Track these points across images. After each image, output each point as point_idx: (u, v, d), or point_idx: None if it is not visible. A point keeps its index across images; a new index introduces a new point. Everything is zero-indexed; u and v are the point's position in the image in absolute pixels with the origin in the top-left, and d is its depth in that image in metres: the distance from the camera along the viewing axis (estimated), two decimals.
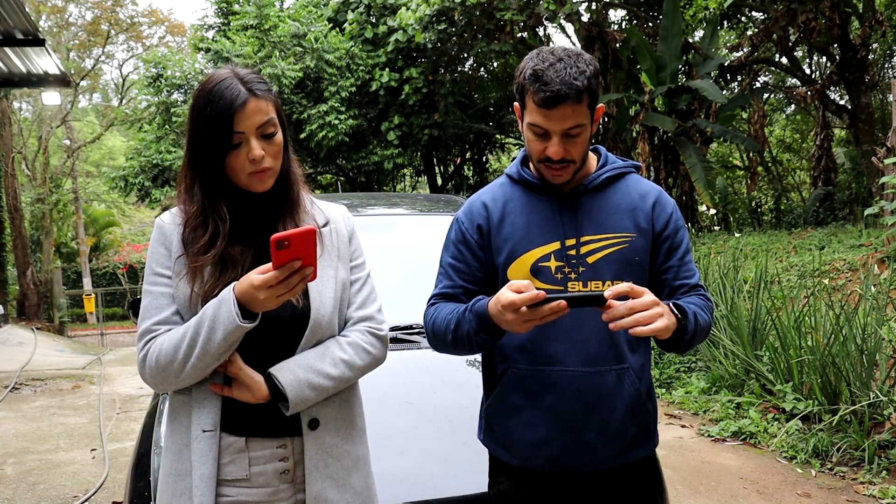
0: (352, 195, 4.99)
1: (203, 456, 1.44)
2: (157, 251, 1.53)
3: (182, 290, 1.47)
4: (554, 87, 1.48)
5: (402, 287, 3.12)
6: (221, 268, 1.48)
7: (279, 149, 1.50)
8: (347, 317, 1.58)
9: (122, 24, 23.75)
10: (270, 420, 1.47)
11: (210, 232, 1.48)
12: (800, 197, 15.21)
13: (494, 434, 1.69)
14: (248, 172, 1.45)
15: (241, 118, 1.43)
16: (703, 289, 1.68)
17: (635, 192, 1.67)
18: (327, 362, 1.48)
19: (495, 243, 1.66)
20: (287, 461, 1.50)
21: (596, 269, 1.59)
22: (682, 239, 1.67)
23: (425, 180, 18.93)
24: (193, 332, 1.39)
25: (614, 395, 1.60)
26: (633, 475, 1.66)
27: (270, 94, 1.50)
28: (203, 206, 1.49)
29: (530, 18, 11.62)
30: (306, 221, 1.56)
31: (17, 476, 4.64)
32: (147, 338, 1.47)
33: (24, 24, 8.37)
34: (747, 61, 11.93)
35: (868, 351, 4.27)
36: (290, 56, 13.17)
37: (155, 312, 1.48)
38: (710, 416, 5.12)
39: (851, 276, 6.57)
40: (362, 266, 1.64)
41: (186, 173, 1.52)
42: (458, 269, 1.69)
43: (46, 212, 22.30)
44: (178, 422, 1.50)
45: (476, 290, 1.68)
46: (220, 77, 1.46)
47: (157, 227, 1.56)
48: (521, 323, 1.40)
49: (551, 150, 1.54)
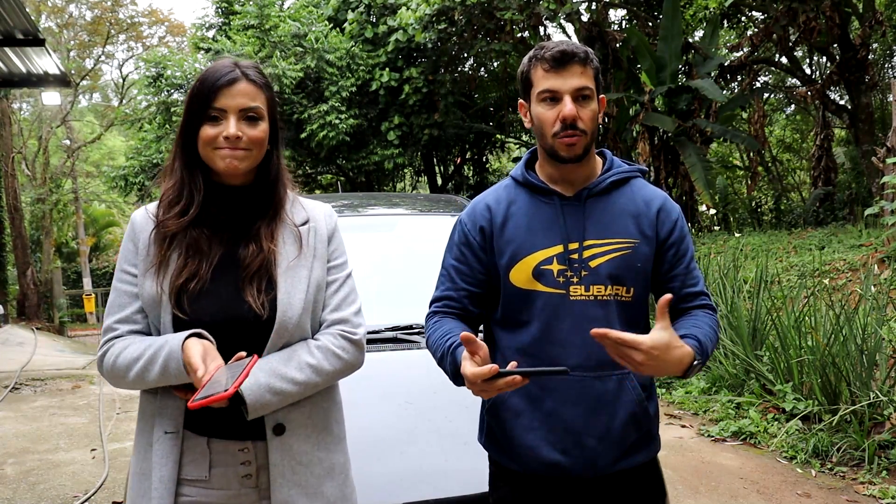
0: (352, 195, 4.99)
1: (164, 457, 1.43)
2: (126, 247, 1.52)
3: (147, 289, 1.45)
4: (560, 47, 1.55)
5: (402, 287, 3.12)
6: (187, 256, 1.45)
7: (261, 139, 1.47)
8: (322, 319, 1.54)
9: (122, 24, 23.75)
10: (233, 422, 1.43)
11: (184, 201, 1.47)
12: (800, 197, 15.20)
13: (495, 437, 1.69)
14: (221, 148, 1.43)
15: (225, 95, 1.43)
16: (707, 297, 1.68)
17: (640, 197, 1.66)
18: (293, 366, 1.44)
19: (497, 245, 1.65)
20: (249, 465, 1.46)
21: (598, 273, 1.58)
22: (688, 246, 1.67)
23: (425, 180, 18.92)
24: (147, 361, 1.39)
25: (615, 400, 1.59)
26: (634, 480, 1.65)
27: (266, 86, 1.49)
28: (181, 178, 1.48)
29: (530, 18, 11.61)
30: (286, 222, 1.54)
31: (17, 476, 4.64)
32: (108, 336, 1.47)
33: (24, 24, 8.37)
34: (747, 61, 11.92)
35: (868, 351, 4.27)
36: (291, 56, 13.17)
37: (117, 310, 1.48)
38: (710, 416, 5.11)
39: (851, 276, 6.57)
40: (341, 267, 1.59)
41: (171, 154, 1.52)
42: (461, 271, 1.68)
43: (46, 212, 22.29)
44: (145, 421, 1.49)
45: (478, 292, 1.67)
46: (219, 62, 1.49)
47: (130, 222, 1.55)
48: (477, 391, 1.42)
49: (565, 110, 1.54)
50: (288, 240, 1.52)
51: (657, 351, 1.38)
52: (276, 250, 1.49)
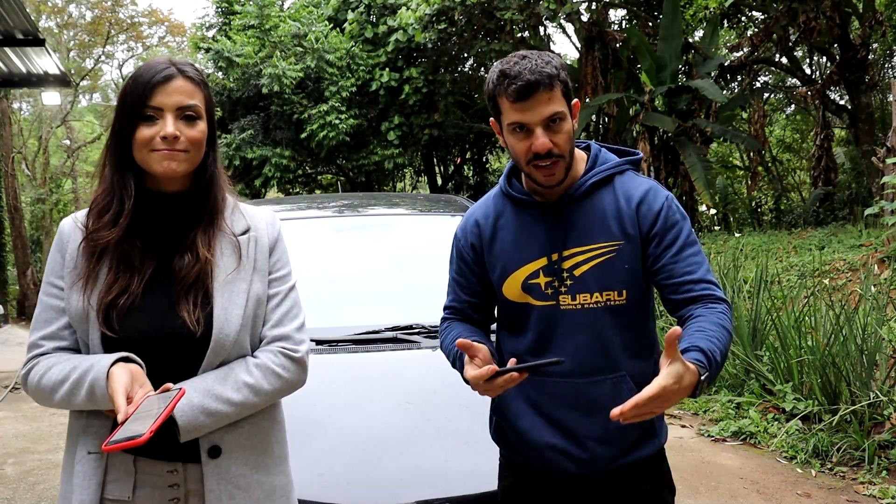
0: (352, 195, 4.99)
1: (86, 479, 1.35)
2: (53, 258, 1.42)
3: (74, 304, 1.36)
4: (524, 77, 1.45)
5: (402, 287, 3.12)
6: (118, 271, 1.36)
7: (199, 140, 1.38)
8: (262, 335, 1.45)
9: (122, 24, 23.76)
10: (163, 442, 1.30)
11: (115, 209, 1.37)
12: (800, 197, 15.19)
13: (503, 432, 1.72)
14: (158, 149, 1.34)
15: (161, 92, 1.34)
16: (711, 285, 1.53)
17: (623, 194, 1.59)
18: (229, 386, 1.35)
19: (489, 261, 1.67)
20: (177, 488, 1.37)
21: (583, 281, 1.56)
22: (679, 234, 1.56)
23: (425, 180, 18.93)
24: (72, 385, 1.32)
25: (611, 403, 1.57)
26: (639, 473, 1.66)
27: (203, 84, 1.41)
28: (111, 183, 1.39)
29: (530, 18, 11.61)
30: (224, 231, 1.44)
31: (17, 476, 4.64)
32: (34, 353, 1.40)
33: (24, 24, 8.37)
34: (747, 61, 11.92)
35: (868, 351, 4.27)
36: (291, 56, 13.17)
37: (43, 325, 1.40)
38: (710, 416, 5.11)
39: (851, 276, 6.57)
40: (284, 279, 1.49)
41: (102, 158, 1.42)
42: (461, 284, 1.74)
43: (46, 212, 22.31)
44: (71, 440, 1.42)
45: (479, 302, 1.73)
46: (153, 59, 1.41)
47: (59, 231, 1.45)
48: (482, 392, 1.45)
49: (537, 143, 1.48)
50: (226, 250, 1.43)
51: (676, 384, 1.28)
52: (214, 261, 1.40)
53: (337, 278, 3.10)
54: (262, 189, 14.02)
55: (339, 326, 2.70)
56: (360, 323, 2.72)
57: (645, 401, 1.27)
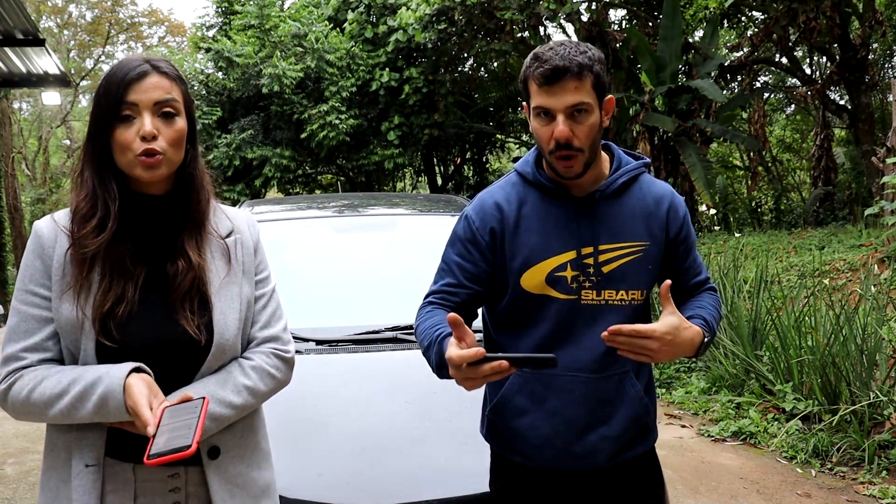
0: (352, 195, 4.99)
1: (86, 494, 1.30)
2: (31, 264, 1.35)
3: (66, 314, 1.31)
4: (553, 62, 1.47)
5: (402, 287, 3.12)
6: (111, 278, 1.32)
7: (179, 137, 1.35)
8: (251, 336, 1.45)
9: (122, 24, 23.77)
10: None
11: (100, 213, 1.32)
12: (800, 197, 15.19)
13: (497, 432, 1.70)
14: (138, 153, 1.29)
15: (136, 89, 1.30)
16: (709, 279, 1.75)
17: (650, 196, 1.64)
18: (230, 390, 1.36)
19: (510, 249, 1.60)
20: (178, 492, 1.36)
21: (611, 278, 1.58)
22: (694, 239, 1.71)
23: (425, 180, 18.93)
24: (76, 398, 1.27)
25: (615, 398, 1.61)
26: (633, 471, 1.68)
27: (180, 79, 1.38)
28: (93, 187, 1.33)
29: (530, 18, 11.61)
30: (211, 234, 1.43)
31: (17, 476, 4.64)
32: (13, 365, 1.31)
33: (24, 24, 8.37)
34: (747, 61, 11.92)
35: (868, 351, 4.27)
36: (291, 56, 13.18)
37: (24, 336, 1.32)
38: (710, 416, 5.11)
39: (851, 276, 6.57)
40: (267, 280, 1.50)
41: (80, 161, 1.38)
42: (464, 267, 1.62)
43: (46, 212, 22.30)
44: (56, 455, 1.34)
45: (480, 290, 1.63)
46: (127, 57, 1.38)
47: (34, 234, 1.37)
48: (461, 380, 1.35)
49: (556, 130, 1.48)
50: (216, 254, 1.42)
51: (670, 336, 1.42)
52: (206, 266, 1.39)
53: (337, 278, 3.10)
54: (262, 189, 14.01)
55: (339, 326, 2.70)
56: (361, 323, 2.72)
57: (642, 332, 1.39)
